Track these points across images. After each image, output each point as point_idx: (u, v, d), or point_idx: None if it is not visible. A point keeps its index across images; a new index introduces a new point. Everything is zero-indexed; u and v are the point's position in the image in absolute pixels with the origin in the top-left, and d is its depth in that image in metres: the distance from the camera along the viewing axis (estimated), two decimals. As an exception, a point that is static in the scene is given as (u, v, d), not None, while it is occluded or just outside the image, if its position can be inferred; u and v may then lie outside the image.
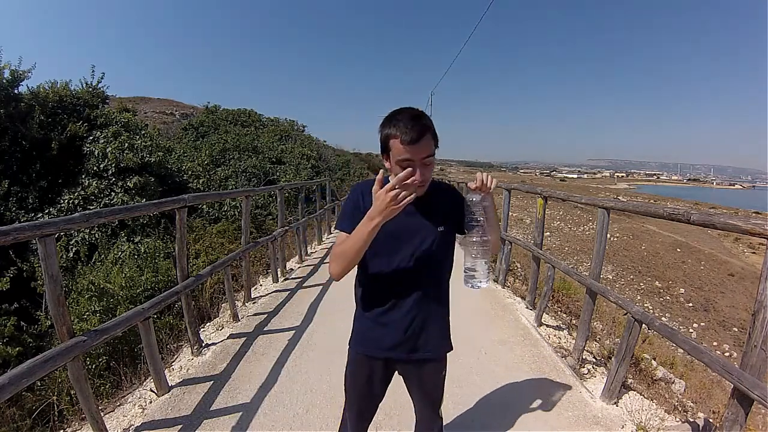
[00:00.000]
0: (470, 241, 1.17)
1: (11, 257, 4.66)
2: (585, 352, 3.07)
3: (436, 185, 1.30)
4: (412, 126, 1.11)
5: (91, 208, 6.33)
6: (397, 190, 1.03)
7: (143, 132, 8.24)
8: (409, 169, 1.08)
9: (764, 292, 1.52)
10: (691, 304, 16.14)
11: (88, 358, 2.83)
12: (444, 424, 1.50)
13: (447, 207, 1.29)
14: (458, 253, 1.27)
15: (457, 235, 1.31)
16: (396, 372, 1.40)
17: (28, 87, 6.85)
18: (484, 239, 1.16)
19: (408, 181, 1.06)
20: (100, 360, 2.95)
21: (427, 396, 1.41)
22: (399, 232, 1.23)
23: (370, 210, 1.08)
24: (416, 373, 1.37)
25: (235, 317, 3.80)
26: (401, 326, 1.27)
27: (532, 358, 3.01)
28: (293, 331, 3.45)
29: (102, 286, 3.59)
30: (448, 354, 1.38)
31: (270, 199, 10.13)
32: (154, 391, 2.52)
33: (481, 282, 1.19)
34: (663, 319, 9.16)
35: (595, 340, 3.80)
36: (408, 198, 1.04)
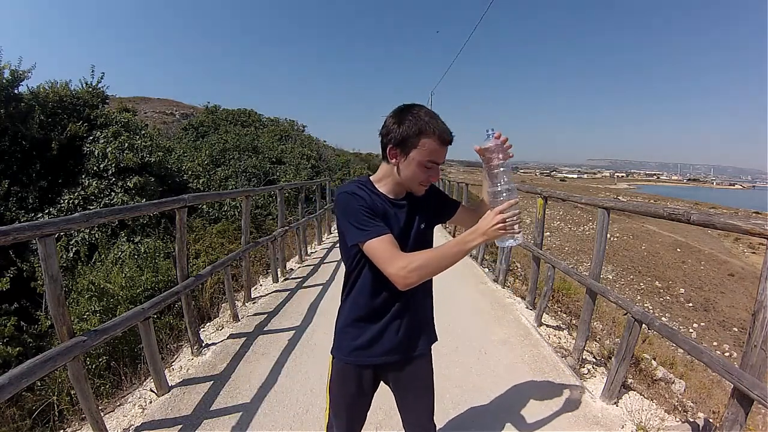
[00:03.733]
0: (495, 191, 1.06)
1: (11, 257, 4.65)
2: (585, 352, 3.07)
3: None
4: (448, 129, 1.09)
5: (91, 208, 6.33)
6: (507, 214, 1.00)
7: (143, 132, 8.25)
8: (516, 199, 1.03)
9: (764, 292, 1.52)
10: (691, 304, 16.15)
11: (88, 358, 2.83)
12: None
13: (429, 203, 1.28)
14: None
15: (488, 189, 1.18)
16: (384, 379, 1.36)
17: (28, 87, 6.85)
18: (509, 186, 1.05)
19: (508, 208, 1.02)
20: (100, 360, 2.94)
21: (423, 393, 1.35)
22: (398, 233, 1.18)
23: (478, 228, 1.04)
24: (409, 370, 1.31)
25: (235, 317, 3.80)
26: (398, 329, 1.23)
27: (532, 358, 3.00)
28: (293, 331, 3.45)
29: (102, 286, 3.58)
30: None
31: (270, 199, 10.14)
32: (154, 391, 2.52)
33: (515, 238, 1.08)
34: (663, 319, 9.15)
35: (595, 340, 3.80)
36: (515, 223, 1.01)
